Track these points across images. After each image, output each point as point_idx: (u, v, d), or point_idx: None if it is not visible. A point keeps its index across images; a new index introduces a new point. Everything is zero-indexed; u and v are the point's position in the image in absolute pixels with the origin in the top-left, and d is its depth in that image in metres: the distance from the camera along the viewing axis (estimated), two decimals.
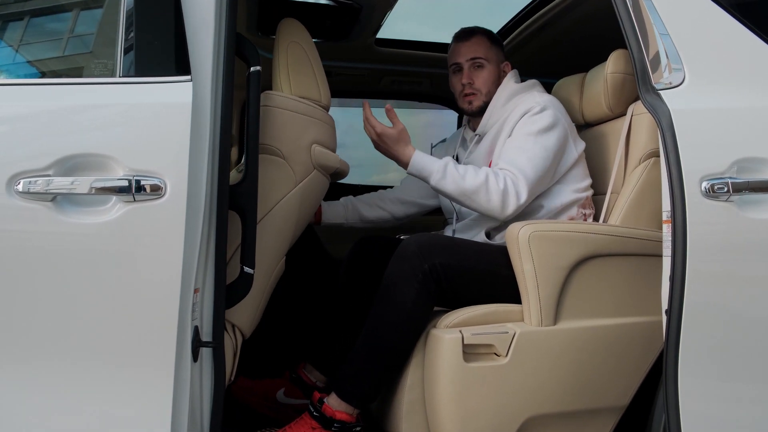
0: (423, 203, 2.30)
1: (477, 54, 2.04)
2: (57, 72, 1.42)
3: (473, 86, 2.04)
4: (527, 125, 1.87)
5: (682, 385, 1.34)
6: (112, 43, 1.36)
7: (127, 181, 1.26)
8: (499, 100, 2.02)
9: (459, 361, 1.64)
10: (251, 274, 1.49)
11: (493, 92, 2.04)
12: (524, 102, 1.96)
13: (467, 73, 2.05)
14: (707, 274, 1.35)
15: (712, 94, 1.44)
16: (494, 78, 2.05)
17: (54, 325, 1.25)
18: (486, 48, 2.06)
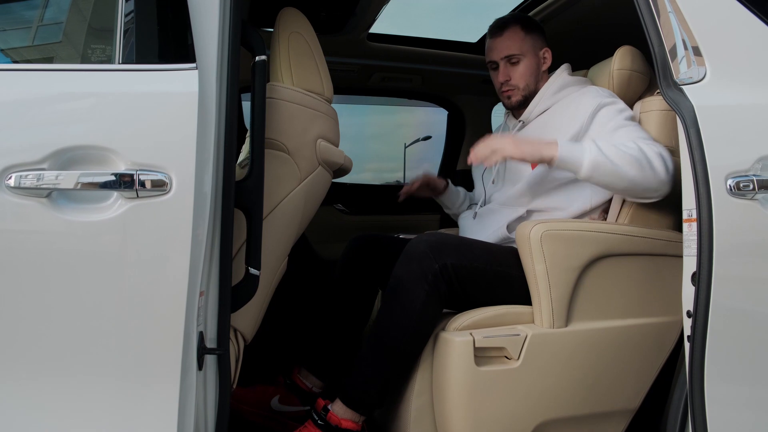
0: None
1: (510, 51, 1.97)
2: (48, 57, 1.31)
3: (510, 83, 1.98)
4: (616, 114, 1.77)
5: (708, 389, 1.30)
6: (110, 27, 1.26)
7: (130, 175, 1.16)
8: (550, 89, 1.95)
9: (470, 365, 1.58)
10: (257, 276, 1.41)
11: (532, 84, 1.98)
12: (587, 94, 1.86)
13: (503, 70, 1.99)
14: (733, 274, 1.32)
15: (734, 90, 1.40)
16: (532, 69, 1.98)
17: (50, 333, 1.15)
18: (520, 40, 1.97)
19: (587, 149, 1.62)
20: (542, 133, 1.90)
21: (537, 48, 2.00)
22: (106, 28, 1.28)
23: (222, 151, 1.30)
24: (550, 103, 1.94)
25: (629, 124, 1.76)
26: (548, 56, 2.01)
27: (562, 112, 1.89)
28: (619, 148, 1.63)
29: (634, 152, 1.62)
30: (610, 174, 1.61)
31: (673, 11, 1.43)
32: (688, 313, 1.40)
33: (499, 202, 1.94)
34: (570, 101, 1.90)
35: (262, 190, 1.41)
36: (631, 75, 1.92)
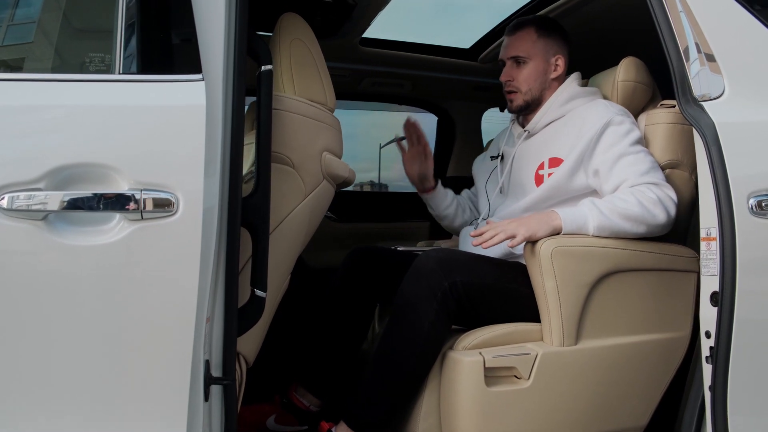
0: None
1: (518, 52, 1.91)
2: (41, 66, 1.22)
3: (512, 83, 1.92)
4: (622, 137, 1.73)
5: (731, 408, 1.27)
6: (109, 35, 1.18)
7: (134, 195, 1.08)
8: (558, 100, 1.90)
9: (480, 386, 1.54)
10: (263, 298, 1.34)
11: (536, 89, 1.91)
12: (594, 110, 1.82)
13: (507, 70, 1.93)
14: (756, 294, 1.29)
15: (751, 107, 1.38)
16: (537, 74, 1.91)
17: (49, 366, 1.06)
18: (531, 43, 1.91)
19: (590, 216, 1.62)
20: (548, 145, 1.86)
21: (549, 53, 1.92)
22: (98, 33, 1.19)
23: (228, 167, 1.23)
24: (558, 114, 1.89)
25: (632, 151, 1.72)
26: (561, 63, 1.93)
27: (569, 126, 1.84)
28: (619, 207, 1.62)
29: (635, 208, 1.62)
30: (615, 233, 1.64)
31: (692, 28, 1.40)
32: (707, 333, 1.37)
33: (502, 216, 1.89)
34: (577, 115, 1.85)
35: (268, 207, 1.34)
36: (635, 87, 1.89)
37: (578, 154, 1.76)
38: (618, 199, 1.65)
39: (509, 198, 1.93)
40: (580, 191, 1.79)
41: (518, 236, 1.57)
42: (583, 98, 1.90)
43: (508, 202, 1.92)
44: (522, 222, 1.63)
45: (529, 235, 1.59)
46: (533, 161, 1.88)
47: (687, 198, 1.81)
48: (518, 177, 1.92)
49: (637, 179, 1.68)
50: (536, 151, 1.88)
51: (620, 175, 1.71)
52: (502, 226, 1.62)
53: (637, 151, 1.73)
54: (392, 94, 3.00)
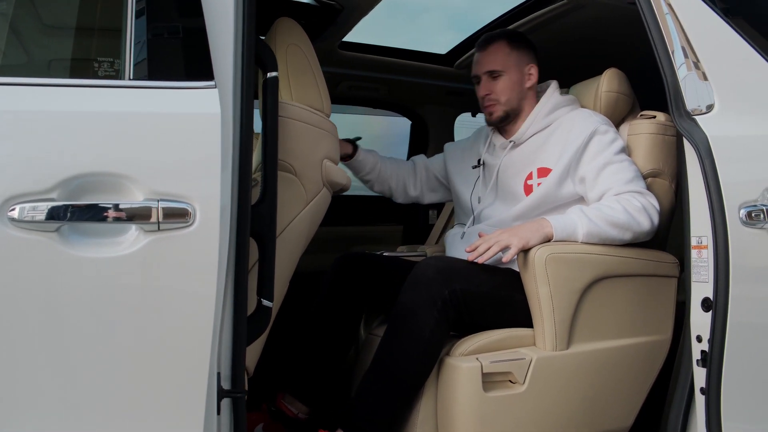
0: (424, 199, 2.27)
1: (493, 66, 1.95)
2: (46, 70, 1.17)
3: (491, 97, 1.95)
4: (607, 146, 1.79)
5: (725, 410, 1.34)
6: (117, 39, 1.14)
7: (151, 206, 1.05)
8: (543, 110, 1.94)
9: (478, 391, 1.56)
10: (269, 308, 1.32)
11: (514, 100, 1.95)
12: (580, 119, 1.88)
13: (485, 84, 1.96)
14: (747, 301, 1.36)
15: (740, 121, 1.45)
16: (513, 85, 1.94)
17: (61, 383, 1.02)
18: (504, 56, 1.95)
19: (579, 223, 1.67)
20: (536, 155, 1.90)
21: (522, 64, 1.97)
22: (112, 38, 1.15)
23: (237, 176, 1.21)
24: (544, 124, 1.94)
25: (616, 160, 1.78)
26: (534, 72, 1.99)
27: (555, 136, 1.89)
28: (606, 214, 1.68)
29: (621, 216, 1.68)
30: (602, 240, 1.70)
31: (686, 46, 1.46)
32: (698, 338, 1.43)
33: (490, 223, 1.92)
34: (562, 124, 1.90)
35: (275, 215, 1.33)
36: (618, 97, 1.95)
37: (566, 163, 1.81)
38: (605, 207, 1.70)
39: (497, 202, 1.96)
40: (568, 198, 1.84)
41: (512, 247, 1.61)
42: (566, 107, 1.95)
43: (496, 206, 1.95)
44: (513, 232, 1.66)
45: (523, 244, 1.62)
46: (522, 171, 1.91)
47: (667, 206, 1.88)
48: (506, 187, 1.94)
49: (622, 187, 1.74)
50: (524, 162, 1.92)
51: (605, 183, 1.76)
52: (495, 238, 1.65)
53: (622, 160, 1.79)
54: (368, 97, 3.00)
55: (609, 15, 2.21)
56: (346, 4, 2.14)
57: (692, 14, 1.50)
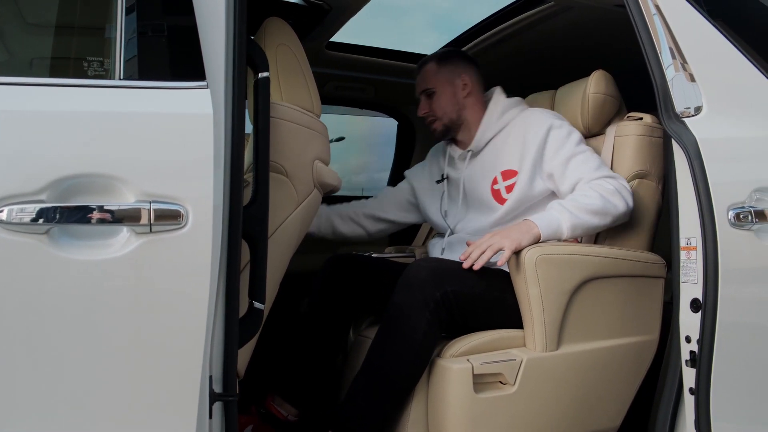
0: (399, 221, 2.23)
1: (426, 85, 2.04)
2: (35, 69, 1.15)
3: (428, 114, 2.03)
4: (566, 140, 1.85)
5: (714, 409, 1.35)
6: (108, 37, 1.12)
7: (143, 207, 1.04)
8: (494, 115, 1.99)
9: (469, 393, 1.56)
10: (261, 310, 1.31)
11: (452, 112, 2.01)
12: (533, 118, 1.93)
13: (423, 104, 2.04)
14: (736, 302, 1.37)
15: (728, 123, 1.47)
16: (448, 98, 2.01)
17: (52, 388, 1.00)
18: (433, 75, 2.03)
19: (561, 218, 1.70)
20: (497, 160, 1.94)
21: (453, 77, 2.03)
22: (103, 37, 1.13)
23: (229, 177, 1.19)
24: (498, 128, 1.97)
25: (578, 151, 1.84)
26: (468, 81, 2.03)
27: (512, 137, 1.93)
28: (584, 204, 1.71)
29: (598, 202, 1.72)
30: (586, 230, 1.74)
31: (673, 45, 1.47)
32: (687, 338, 1.45)
33: (469, 232, 1.94)
34: (516, 125, 1.94)
35: (267, 217, 1.32)
36: (605, 99, 1.97)
37: (530, 162, 1.86)
38: (581, 196, 1.74)
39: (471, 213, 1.99)
40: (542, 195, 1.88)
41: (506, 249, 1.61)
42: (515, 108, 2.00)
43: (471, 217, 1.97)
44: (504, 234, 1.67)
45: (516, 246, 1.63)
46: (486, 178, 1.95)
47: (653, 206, 1.90)
48: (475, 196, 1.97)
49: (592, 174, 1.79)
50: (486, 168, 1.95)
51: (574, 174, 1.81)
52: (486, 242, 1.65)
53: (583, 150, 1.85)
54: (355, 98, 2.99)
55: (596, 17, 2.23)
56: (334, 4, 2.13)
57: (679, 16, 1.51)
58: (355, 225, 2.15)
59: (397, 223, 2.23)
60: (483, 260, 1.63)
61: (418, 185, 2.19)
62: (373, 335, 1.83)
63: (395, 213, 2.19)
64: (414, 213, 2.21)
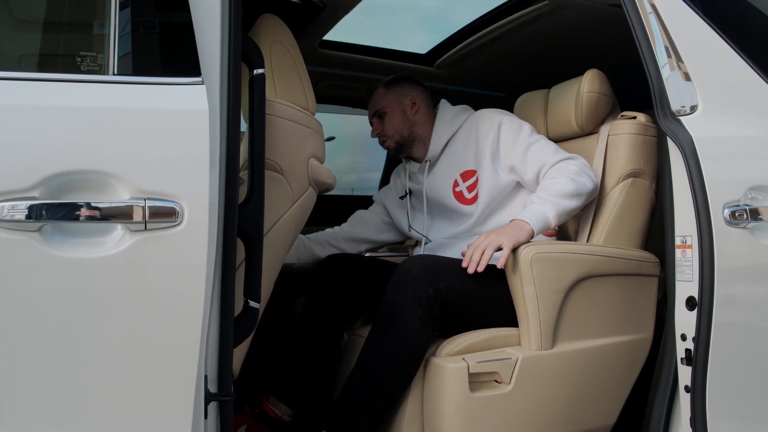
0: (375, 239, 2.25)
1: (377, 107, 2.10)
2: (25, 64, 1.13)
3: (380, 134, 2.10)
4: (518, 132, 1.90)
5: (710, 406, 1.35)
6: (101, 32, 1.10)
7: (138, 204, 1.02)
8: (443, 123, 2.05)
9: (465, 392, 1.55)
10: (256, 309, 1.29)
11: (403, 129, 2.07)
12: (483, 118, 1.98)
13: (375, 125, 2.11)
14: (731, 300, 1.38)
15: (722, 122, 1.47)
16: (398, 117, 2.07)
17: (45, 390, 0.98)
18: (382, 97, 2.10)
19: (545, 209, 1.72)
20: (453, 164, 1.98)
21: (401, 97, 2.09)
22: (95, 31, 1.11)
23: (224, 174, 1.18)
24: (449, 134, 2.02)
25: (533, 140, 1.89)
26: (416, 99, 2.09)
27: (465, 140, 1.97)
28: (557, 190, 1.75)
29: (570, 185, 1.76)
30: (568, 214, 1.78)
31: (669, 44, 1.48)
32: (682, 336, 1.45)
33: (447, 236, 1.96)
34: (466, 128, 1.99)
35: (262, 215, 1.30)
36: (599, 98, 1.97)
37: (489, 159, 1.91)
38: (553, 183, 1.77)
39: (438, 221, 2.01)
40: (509, 188, 1.93)
41: (505, 247, 1.61)
42: (463, 114, 2.05)
43: (442, 225, 2.00)
44: (500, 232, 1.66)
45: (514, 242, 1.63)
46: (447, 182, 1.98)
47: (647, 205, 1.91)
48: (439, 203, 2.01)
49: (552, 158, 1.84)
50: (446, 174, 2.00)
51: (535, 161, 1.86)
52: (484, 242, 1.64)
53: (537, 139, 1.90)
54: (348, 97, 2.97)
55: (589, 17, 2.23)
56: (328, 2, 2.12)
57: (675, 15, 1.52)
58: (334, 249, 2.16)
59: (377, 243, 2.26)
60: (485, 260, 1.62)
61: (389, 205, 2.23)
62: (365, 334, 1.83)
63: (374, 234, 2.22)
64: (390, 232, 2.24)
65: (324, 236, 2.20)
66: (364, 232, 2.22)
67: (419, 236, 2.07)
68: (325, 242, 2.18)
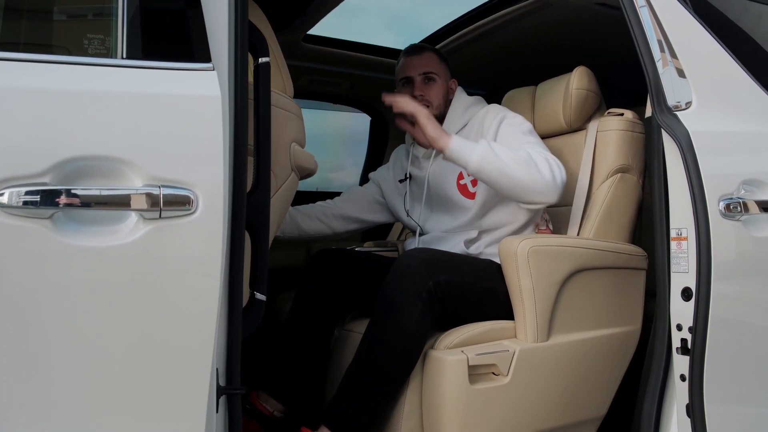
0: (366, 219, 2.21)
1: (429, 69, 2.00)
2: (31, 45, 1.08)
3: (425, 98, 1.97)
4: (518, 127, 1.87)
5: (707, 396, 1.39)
6: (108, 14, 1.07)
7: (153, 192, 0.99)
8: (456, 112, 2.01)
9: (464, 384, 1.56)
10: (263, 301, 1.27)
11: (442, 106, 2.01)
12: (490, 112, 1.97)
13: (419, 85, 2.00)
14: (726, 291, 1.41)
15: (716, 117, 1.51)
16: (444, 92, 2.03)
17: (55, 383, 0.94)
18: (436, 63, 2.04)
19: (479, 145, 1.70)
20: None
21: (448, 76, 2.07)
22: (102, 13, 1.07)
23: (231, 163, 1.15)
24: (461, 124, 1.99)
25: (530, 140, 1.84)
26: (454, 87, 2.07)
27: (473, 133, 1.94)
28: (509, 150, 1.71)
29: (523, 154, 1.70)
30: (497, 170, 1.68)
31: (664, 40, 1.51)
32: (678, 326, 1.48)
33: (443, 230, 1.94)
34: (476, 121, 1.97)
35: (269, 205, 1.28)
36: (587, 95, 2.00)
37: None
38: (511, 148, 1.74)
39: (436, 213, 1.98)
40: None
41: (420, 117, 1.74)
42: (476, 106, 2.02)
43: (440, 217, 1.97)
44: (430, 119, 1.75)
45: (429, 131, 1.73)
46: (451, 174, 1.94)
47: (635, 200, 1.95)
48: (441, 193, 1.97)
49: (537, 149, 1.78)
50: (452, 165, 1.90)
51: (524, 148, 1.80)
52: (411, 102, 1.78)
53: (534, 142, 1.85)
54: (329, 92, 2.96)
55: (576, 14, 2.27)
56: None
57: (669, 12, 1.55)
58: (321, 224, 2.13)
59: (367, 223, 2.22)
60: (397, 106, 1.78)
61: (384, 186, 2.19)
62: (356, 329, 1.82)
63: (365, 213, 2.19)
64: (383, 213, 2.20)
65: (314, 210, 2.15)
66: (355, 210, 2.18)
67: (414, 225, 2.04)
68: (315, 217, 2.14)
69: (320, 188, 3.63)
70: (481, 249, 1.86)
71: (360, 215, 2.19)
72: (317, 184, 3.92)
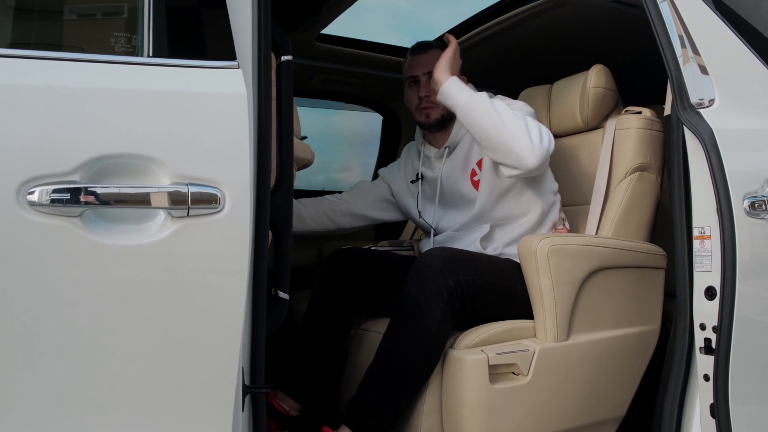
0: (373, 216, 2.18)
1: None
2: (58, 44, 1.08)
3: (430, 99, 1.92)
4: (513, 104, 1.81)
5: (732, 396, 1.37)
6: (134, 13, 1.07)
7: (181, 190, 0.98)
8: None
9: (485, 383, 1.55)
10: (286, 300, 1.27)
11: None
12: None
13: (424, 85, 1.94)
14: (752, 289, 1.40)
15: (738, 115, 1.50)
16: None
17: (84, 379, 0.94)
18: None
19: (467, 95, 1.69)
20: (471, 151, 1.91)
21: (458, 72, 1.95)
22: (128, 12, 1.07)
23: (255, 161, 1.15)
24: None
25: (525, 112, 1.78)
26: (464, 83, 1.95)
27: None
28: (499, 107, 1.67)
29: (514, 113, 1.67)
30: (485, 113, 1.66)
31: (687, 38, 1.50)
32: (701, 326, 1.47)
33: (455, 229, 1.92)
34: None
35: (291, 204, 1.28)
36: (605, 93, 1.99)
37: None
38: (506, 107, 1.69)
39: (449, 211, 1.96)
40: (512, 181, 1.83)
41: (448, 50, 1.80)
42: None
43: (452, 214, 1.95)
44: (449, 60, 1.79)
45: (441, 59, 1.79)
46: (464, 172, 1.92)
47: (653, 199, 1.94)
48: (455, 192, 1.94)
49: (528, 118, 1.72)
50: (463, 162, 1.92)
51: None
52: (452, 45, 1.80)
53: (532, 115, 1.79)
54: (342, 92, 2.95)
55: (590, 13, 2.26)
56: None
57: (689, 6, 1.54)
58: (327, 220, 2.10)
59: (375, 220, 2.19)
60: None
61: (394, 185, 2.16)
62: (372, 328, 1.82)
63: (373, 211, 2.16)
64: (391, 211, 2.17)
65: (321, 205, 2.12)
66: (364, 207, 2.15)
67: (426, 225, 2.02)
68: (322, 212, 2.11)
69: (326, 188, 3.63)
70: (500, 249, 1.84)
71: (368, 212, 2.17)
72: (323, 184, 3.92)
